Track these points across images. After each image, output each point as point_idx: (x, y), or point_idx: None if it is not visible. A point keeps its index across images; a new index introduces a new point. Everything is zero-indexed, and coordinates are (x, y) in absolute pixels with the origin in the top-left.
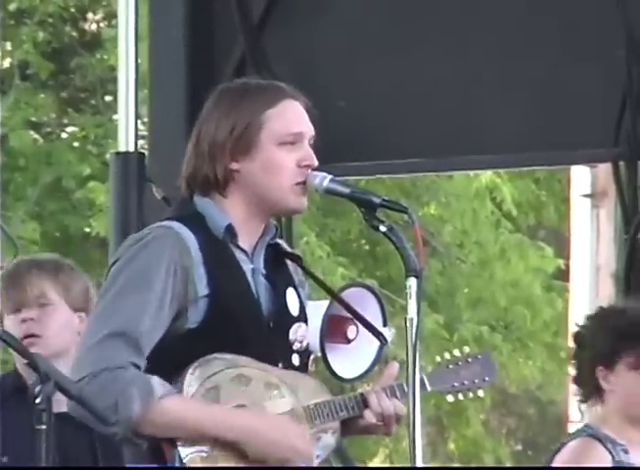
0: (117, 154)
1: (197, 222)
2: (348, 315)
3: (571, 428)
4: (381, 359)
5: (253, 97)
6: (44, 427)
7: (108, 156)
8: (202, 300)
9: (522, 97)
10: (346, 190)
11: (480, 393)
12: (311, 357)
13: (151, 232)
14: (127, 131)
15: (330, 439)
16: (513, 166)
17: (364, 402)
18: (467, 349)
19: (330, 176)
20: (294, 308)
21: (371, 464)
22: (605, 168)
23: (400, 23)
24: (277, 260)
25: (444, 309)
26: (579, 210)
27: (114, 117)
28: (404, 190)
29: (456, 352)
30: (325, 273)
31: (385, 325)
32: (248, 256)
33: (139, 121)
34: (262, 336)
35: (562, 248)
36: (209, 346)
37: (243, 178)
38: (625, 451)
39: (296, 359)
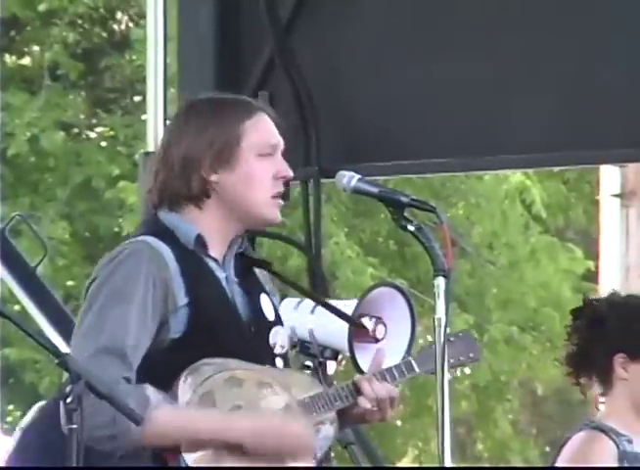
0: (147, 154)
1: (167, 236)
2: (377, 315)
3: None
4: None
5: (228, 110)
6: (75, 426)
7: (137, 156)
8: (182, 309)
9: (551, 96)
10: (375, 190)
11: (467, 370)
12: (339, 357)
13: (126, 248)
14: (156, 131)
15: (329, 429)
16: (542, 166)
17: (357, 390)
18: (447, 329)
19: (358, 176)
20: (269, 313)
21: (400, 464)
22: (635, 168)
23: (428, 22)
24: (245, 269)
25: (474, 310)
26: (609, 209)
27: (144, 117)
28: (433, 191)
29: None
30: (355, 273)
31: (414, 325)
32: (219, 264)
33: (168, 121)
34: (245, 341)
35: (590, 249)
36: (194, 354)
37: (221, 190)
38: (629, 441)
39: (279, 363)
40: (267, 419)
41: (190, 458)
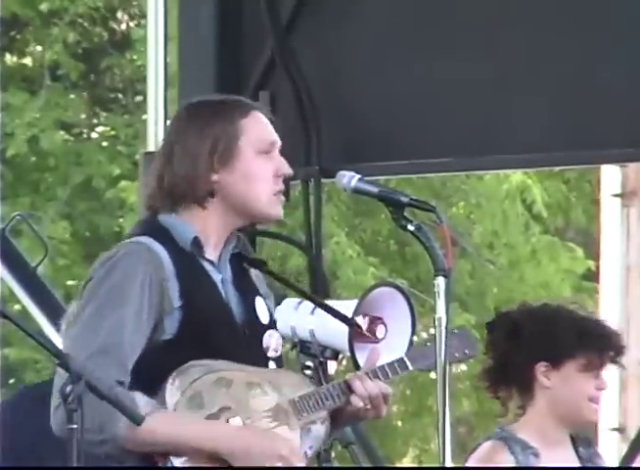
0: (147, 153)
1: (163, 236)
2: (377, 315)
3: (602, 432)
4: None
5: (225, 109)
6: (75, 426)
7: (137, 156)
8: (176, 311)
9: (552, 96)
10: (375, 189)
11: (463, 366)
12: (340, 357)
13: (122, 249)
14: (157, 131)
15: (320, 429)
16: (543, 166)
17: (348, 388)
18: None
19: (358, 176)
20: (263, 317)
21: (400, 464)
22: (635, 168)
23: (429, 22)
24: (242, 270)
25: (474, 310)
26: (609, 209)
27: (144, 116)
28: (433, 191)
29: (432, 331)
30: (356, 273)
31: (414, 325)
32: (215, 266)
33: (168, 121)
34: (238, 344)
35: (590, 248)
36: (186, 356)
37: (222, 189)
38: (535, 455)
39: (272, 366)
40: (255, 433)
41: (177, 462)
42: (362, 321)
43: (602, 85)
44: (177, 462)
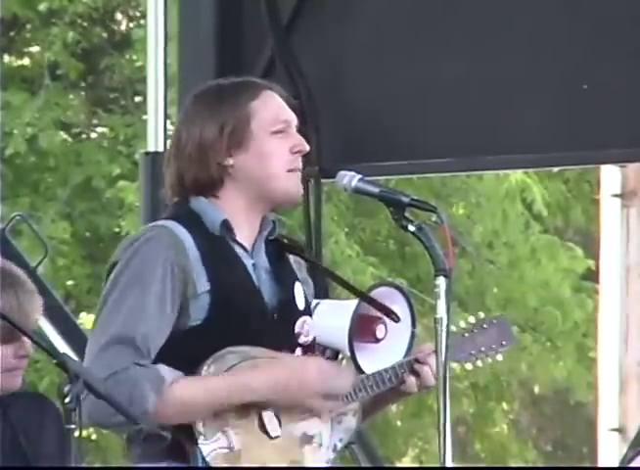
0: (147, 154)
1: (192, 220)
2: (377, 315)
3: (602, 431)
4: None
5: (234, 93)
6: (73, 426)
7: (137, 156)
8: (203, 296)
9: (551, 96)
10: (375, 190)
11: (499, 357)
12: (340, 356)
13: (145, 233)
14: (156, 131)
15: (351, 421)
16: (543, 166)
17: (413, 372)
18: (482, 314)
19: (359, 176)
20: (300, 302)
21: (400, 464)
22: (635, 168)
23: (429, 22)
24: (279, 256)
25: (474, 310)
26: (609, 209)
27: (144, 117)
28: (433, 191)
29: (471, 320)
30: (355, 273)
31: (414, 325)
32: (247, 251)
33: (168, 121)
34: (265, 327)
35: (589, 248)
36: (214, 340)
37: (238, 172)
38: None
39: (298, 352)
40: (286, 369)
41: (206, 450)
42: (363, 321)
43: (602, 85)
44: (206, 450)
